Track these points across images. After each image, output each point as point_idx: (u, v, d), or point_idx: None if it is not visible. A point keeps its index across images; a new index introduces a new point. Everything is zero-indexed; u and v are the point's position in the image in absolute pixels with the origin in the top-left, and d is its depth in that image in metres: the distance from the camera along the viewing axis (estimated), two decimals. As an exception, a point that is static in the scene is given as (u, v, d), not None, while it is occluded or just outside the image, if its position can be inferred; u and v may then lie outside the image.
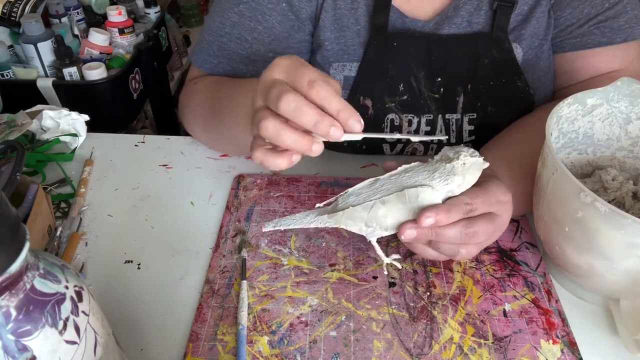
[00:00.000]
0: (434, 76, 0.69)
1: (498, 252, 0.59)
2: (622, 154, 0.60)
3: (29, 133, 0.76)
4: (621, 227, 0.43)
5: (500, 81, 0.68)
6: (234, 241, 0.60)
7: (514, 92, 0.69)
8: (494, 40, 0.67)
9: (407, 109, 0.70)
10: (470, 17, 0.68)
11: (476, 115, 0.70)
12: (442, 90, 0.69)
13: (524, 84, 0.68)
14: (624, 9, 0.66)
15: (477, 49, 0.67)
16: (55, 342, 0.29)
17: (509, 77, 0.68)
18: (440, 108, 0.70)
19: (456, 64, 0.68)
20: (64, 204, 0.66)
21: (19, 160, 0.58)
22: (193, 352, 0.49)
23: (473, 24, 0.68)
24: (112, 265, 0.58)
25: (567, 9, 0.67)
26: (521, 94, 0.69)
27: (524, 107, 0.70)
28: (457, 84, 0.69)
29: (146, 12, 1.53)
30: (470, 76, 0.68)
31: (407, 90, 0.69)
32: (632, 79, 0.56)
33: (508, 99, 0.69)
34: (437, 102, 0.70)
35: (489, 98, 0.69)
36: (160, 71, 1.51)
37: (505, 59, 0.68)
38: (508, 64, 0.68)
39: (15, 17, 1.21)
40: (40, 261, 0.31)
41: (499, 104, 0.69)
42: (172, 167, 0.73)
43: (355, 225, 0.50)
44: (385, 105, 0.70)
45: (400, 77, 0.69)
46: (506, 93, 0.69)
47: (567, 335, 0.51)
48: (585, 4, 0.66)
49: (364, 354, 0.49)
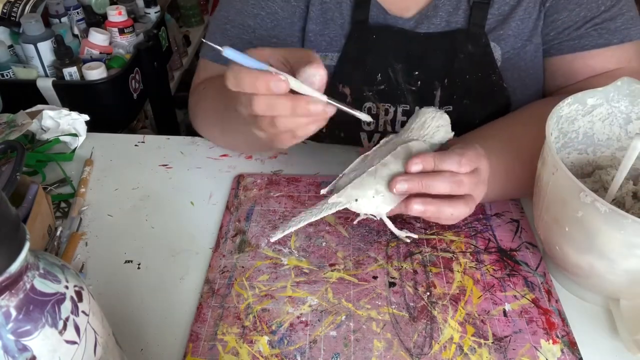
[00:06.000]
0: (411, 69, 0.71)
1: (498, 252, 0.59)
2: (622, 154, 0.60)
3: (29, 133, 0.76)
4: (621, 227, 0.43)
5: (476, 75, 0.71)
6: (234, 241, 0.60)
7: (489, 86, 0.71)
8: (470, 36, 0.69)
9: (384, 98, 0.73)
10: (449, 17, 0.70)
11: (452, 108, 0.72)
12: (419, 84, 0.72)
13: (498, 77, 0.71)
14: (619, 11, 0.67)
15: (454, 44, 0.70)
16: (55, 342, 0.29)
17: (484, 72, 0.71)
18: (418, 100, 0.73)
19: (433, 59, 0.71)
20: (64, 204, 0.66)
21: (19, 160, 0.58)
22: (193, 352, 0.49)
23: (451, 23, 0.70)
24: (112, 265, 0.58)
25: (563, 12, 0.68)
26: (495, 88, 0.71)
27: (499, 100, 0.72)
28: (435, 78, 0.71)
29: (146, 12, 1.53)
30: (447, 71, 0.71)
31: (385, 81, 0.72)
32: (632, 79, 0.56)
33: (483, 93, 0.71)
34: (414, 94, 0.72)
35: (465, 92, 0.71)
36: (160, 71, 1.50)
37: (482, 54, 0.70)
38: (484, 59, 0.70)
39: (15, 17, 1.21)
40: (40, 261, 0.31)
41: (474, 97, 0.72)
42: (172, 167, 0.73)
43: (366, 196, 0.50)
44: (363, 93, 0.73)
45: (378, 67, 0.71)
46: (481, 87, 0.71)
47: (567, 335, 0.51)
48: (582, 7, 0.67)
49: (364, 354, 0.49)
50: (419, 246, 0.59)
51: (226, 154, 0.75)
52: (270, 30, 0.72)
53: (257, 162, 0.73)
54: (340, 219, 0.63)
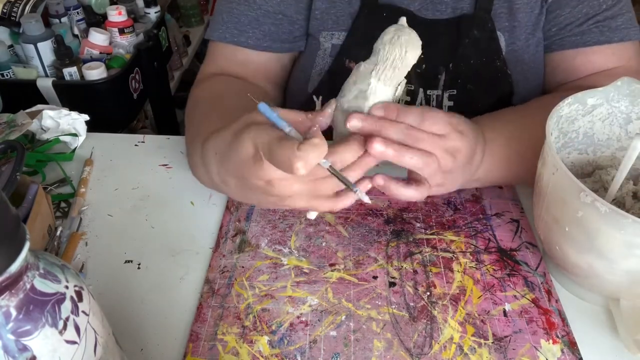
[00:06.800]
0: None
1: (498, 251, 0.59)
2: (622, 154, 0.60)
3: (29, 133, 0.76)
4: (621, 227, 0.43)
5: (480, 60, 0.71)
6: (234, 241, 0.60)
7: (494, 72, 0.72)
8: (476, 20, 0.70)
9: None
10: (455, 3, 0.71)
11: (456, 92, 0.73)
12: (423, 67, 0.72)
13: (503, 64, 0.71)
14: (619, 11, 0.68)
15: (459, 30, 0.70)
16: (55, 342, 0.29)
17: (489, 57, 0.71)
18: (423, 83, 0.73)
19: (439, 43, 0.71)
20: (64, 204, 0.66)
21: (19, 160, 0.58)
22: (193, 352, 0.49)
23: (457, 10, 0.71)
24: (112, 265, 0.58)
25: (565, 8, 0.69)
26: (499, 74, 0.72)
27: (502, 87, 0.72)
28: (439, 62, 0.72)
29: (146, 12, 1.53)
30: (452, 55, 0.71)
31: None
32: (633, 79, 0.56)
33: (487, 78, 0.72)
34: (419, 76, 0.73)
35: (470, 76, 0.72)
36: (160, 71, 1.50)
37: (488, 39, 0.70)
38: (489, 44, 0.70)
39: (15, 17, 1.21)
40: (40, 261, 0.31)
41: (478, 82, 0.72)
42: (172, 167, 0.73)
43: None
44: None
45: None
46: (486, 72, 0.72)
47: (567, 335, 0.51)
48: (584, 4, 0.68)
49: (364, 353, 0.49)
50: (419, 246, 0.59)
51: (226, 154, 0.75)
52: (276, 6, 0.72)
53: (257, 162, 0.73)
54: (340, 219, 0.63)
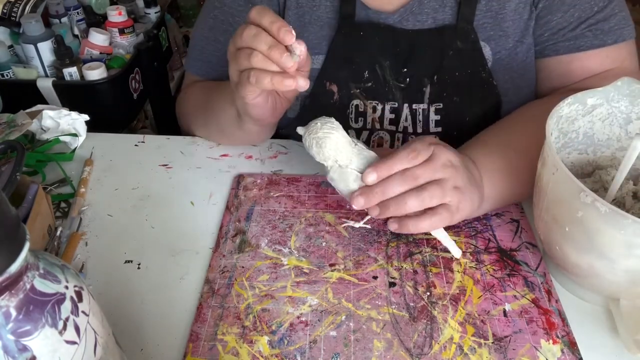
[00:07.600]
0: (400, 66, 0.71)
1: (498, 252, 0.59)
2: (622, 154, 0.60)
3: (29, 133, 0.76)
4: (621, 227, 0.43)
5: (465, 71, 0.71)
6: (234, 241, 0.60)
7: (479, 84, 0.71)
8: (459, 32, 0.69)
9: (372, 95, 0.73)
10: (435, 13, 0.70)
11: (442, 105, 0.72)
12: (408, 80, 0.72)
13: (488, 75, 0.71)
14: (612, 12, 0.67)
15: (442, 41, 0.70)
16: (55, 342, 0.29)
17: (474, 69, 0.71)
18: (406, 97, 0.73)
19: (422, 56, 0.71)
20: (64, 204, 0.66)
21: (19, 160, 0.58)
22: (193, 352, 0.49)
23: (438, 20, 0.70)
24: (112, 265, 0.58)
25: (557, 13, 0.68)
26: (485, 85, 0.71)
27: (489, 98, 0.72)
28: (424, 75, 0.71)
29: (146, 12, 1.53)
30: (437, 67, 0.71)
31: (372, 78, 0.72)
32: (632, 79, 0.56)
33: (473, 90, 0.72)
34: (403, 91, 0.72)
35: (455, 89, 0.71)
36: (160, 71, 1.50)
37: (471, 49, 0.70)
38: (473, 55, 0.70)
39: (15, 17, 1.21)
40: (40, 261, 0.31)
41: (464, 94, 0.72)
42: (172, 167, 0.73)
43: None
44: (350, 91, 0.73)
45: (365, 64, 0.72)
46: (471, 84, 0.71)
47: (567, 335, 0.51)
48: (576, 8, 0.67)
49: (364, 354, 0.49)
50: (419, 246, 0.59)
51: (226, 154, 0.75)
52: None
53: (257, 162, 0.73)
54: (340, 219, 0.63)
